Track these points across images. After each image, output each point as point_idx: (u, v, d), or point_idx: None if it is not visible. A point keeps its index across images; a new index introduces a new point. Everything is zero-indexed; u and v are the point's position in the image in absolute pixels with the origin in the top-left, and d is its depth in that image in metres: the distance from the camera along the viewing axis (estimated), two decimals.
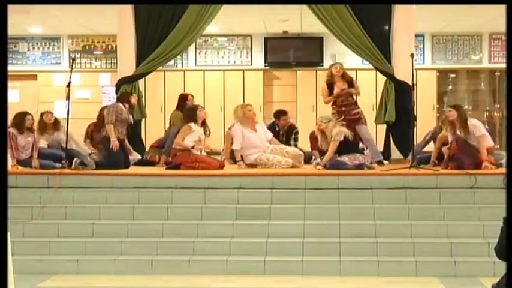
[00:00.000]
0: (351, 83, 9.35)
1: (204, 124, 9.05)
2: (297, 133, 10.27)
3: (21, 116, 8.71)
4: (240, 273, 6.55)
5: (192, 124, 8.74)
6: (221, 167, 8.59)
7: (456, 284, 6.25)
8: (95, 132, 9.25)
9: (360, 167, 8.23)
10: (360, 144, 8.66)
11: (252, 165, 8.79)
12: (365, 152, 8.66)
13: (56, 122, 9.24)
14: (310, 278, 6.48)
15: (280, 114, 10.50)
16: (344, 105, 9.19)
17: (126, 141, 8.97)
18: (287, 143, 9.82)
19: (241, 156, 8.84)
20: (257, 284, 6.31)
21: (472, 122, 8.31)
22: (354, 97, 9.33)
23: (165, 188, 7.72)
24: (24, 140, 8.61)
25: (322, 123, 8.57)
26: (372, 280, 6.40)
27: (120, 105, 8.75)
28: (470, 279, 6.33)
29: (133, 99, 9.11)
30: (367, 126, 9.34)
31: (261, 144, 8.91)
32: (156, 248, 6.95)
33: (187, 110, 9.24)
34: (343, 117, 9.04)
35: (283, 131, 10.23)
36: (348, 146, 8.34)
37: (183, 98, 10.32)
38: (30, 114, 8.89)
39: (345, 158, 8.27)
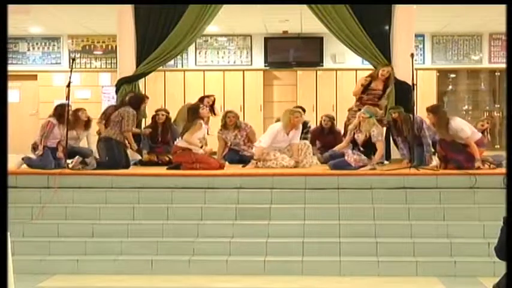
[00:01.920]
0: (386, 88, 9.30)
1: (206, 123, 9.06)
2: (308, 127, 10.19)
3: (62, 108, 8.70)
4: (240, 273, 6.55)
5: (201, 121, 8.68)
6: (221, 167, 8.59)
7: (456, 284, 6.25)
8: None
9: (362, 166, 8.23)
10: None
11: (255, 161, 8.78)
12: (373, 156, 8.55)
13: (89, 121, 9.20)
14: (310, 278, 6.48)
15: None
16: (368, 104, 9.14)
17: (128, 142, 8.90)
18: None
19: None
20: (257, 284, 6.31)
21: (455, 125, 8.14)
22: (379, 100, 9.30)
23: (165, 188, 7.71)
24: (60, 131, 8.60)
25: (363, 115, 8.43)
26: (372, 280, 6.40)
27: (131, 109, 8.77)
28: (470, 279, 6.33)
29: (144, 106, 9.21)
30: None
31: (283, 146, 8.90)
32: (156, 248, 6.95)
33: (191, 108, 9.08)
34: None
35: None
36: (370, 147, 8.35)
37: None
38: (70, 105, 8.82)
39: (350, 159, 8.28)
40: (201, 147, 8.70)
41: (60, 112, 8.62)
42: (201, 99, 10.08)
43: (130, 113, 8.70)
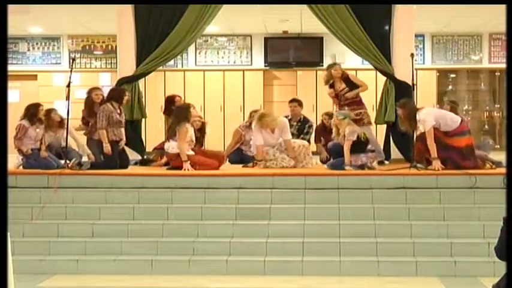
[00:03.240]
0: (351, 82, 9.35)
1: (202, 124, 9.03)
2: (310, 127, 10.12)
3: (35, 108, 8.70)
4: (240, 273, 6.55)
5: (187, 124, 8.52)
6: (220, 164, 8.55)
7: (456, 284, 6.25)
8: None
9: (361, 167, 8.23)
10: (369, 146, 8.62)
11: (257, 161, 8.79)
12: (370, 153, 8.57)
13: (62, 120, 9.20)
14: (310, 278, 6.47)
15: (290, 101, 10.39)
16: (346, 104, 9.19)
17: (123, 142, 8.81)
18: (299, 137, 9.76)
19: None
20: (257, 284, 6.31)
21: (419, 116, 8.07)
22: (357, 95, 9.31)
23: (165, 188, 7.71)
24: (35, 132, 8.60)
25: (337, 119, 8.54)
26: (372, 280, 6.40)
27: (109, 106, 8.59)
28: (470, 279, 6.33)
29: (126, 98, 8.94)
30: (371, 126, 9.37)
31: (275, 143, 8.92)
32: (156, 248, 6.94)
33: (179, 109, 8.92)
34: None
35: (295, 122, 9.97)
36: (358, 146, 8.35)
37: (171, 100, 9.97)
38: (42, 105, 8.88)
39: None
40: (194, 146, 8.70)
41: (33, 112, 8.59)
42: (171, 100, 9.94)
43: (104, 110, 8.49)
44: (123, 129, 8.78)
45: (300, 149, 8.93)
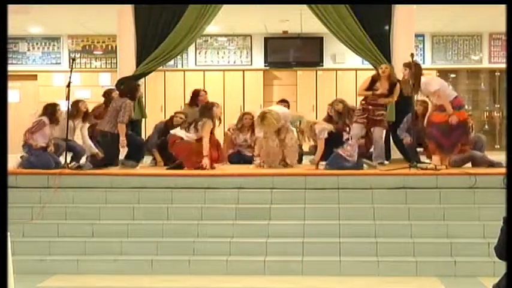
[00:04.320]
0: (393, 86, 9.17)
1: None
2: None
3: (53, 107, 8.76)
4: (240, 273, 6.55)
5: (211, 122, 8.62)
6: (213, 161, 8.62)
7: (456, 284, 6.25)
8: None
9: (358, 163, 8.25)
10: (345, 136, 8.60)
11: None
12: (350, 142, 8.51)
13: (87, 112, 9.20)
14: (310, 278, 6.47)
15: (279, 102, 10.42)
16: (372, 104, 9.13)
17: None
18: None
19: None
20: (257, 284, 6.31)
21: (425, 79, 8.21)
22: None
23: (165, 188, 7.71)
24: (49, 130, 8.64)
25: (297, 127, 8.68)
26: (372, 280, 6.40)
27: (131, 102, 8.79)
28: (470, 279, 6.33)
29: (140, 93, 9.11)
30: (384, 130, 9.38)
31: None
32: (156, 248, 6.95)
33: (203, 107, 9.01)
34: (366, 115, 9.07)
35: None
36: (335, 140, 8.36)
37: (196, 94, 10.04)
38: (59, 105, 8.92)
39: (338, 150, 8.29)
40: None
41: (51, 111, 8.65)
42: (196, 94, 10.00)
43: (127, 104, 8.67)
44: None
45: (288, 144, 8.88)
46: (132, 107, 8.80)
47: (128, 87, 9.10)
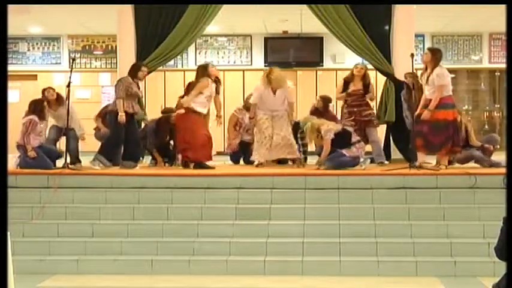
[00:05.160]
0: (367, 86, 9.32)
1: (217, 81, 9.03)
2: (302, 132, 10.15)
3: (40, 103, 8.84)
4: (240, 273, 6.54)
5: (209, 79, 8.77)
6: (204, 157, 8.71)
7: (456, 284, 6.25)
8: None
9: (357, 159, 8.26)
10: (353, 138, 8.61)
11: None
12: (357, 144, 8.55)
13: (59, 97, 9.24)
14: (310, 278, 6.47)
15: None
16: (356, 105, 9.20)
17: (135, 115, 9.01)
18: None
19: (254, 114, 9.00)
20: (257, 284, 6.31)
21: (439, 70, 8.30)
22: (364, 98, 9.33)
23: (165, 188, 7.71)
24: (40, 127, 8.72)
25: (304, 127, 8.70)
26: (372, 280, 6.40)
27: (128, 78, 8.86)
28: (470, 279, 6.33)
29: (144, 73, 9.10)
30: (377, 128, 9.40)
31: (275, 107, 8.95)
32: (156, 248, 6.94)
33: (199, 67, 9.19)
34: (353, 118, 9.12)
35: None
36: (342, 140, 8.36)
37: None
38: (44, 100, 9.03)
39: (342, 151, 8.32)
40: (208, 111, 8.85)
41: (40, 108, 8.72)
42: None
43: (124, 80, 8.80)
44: (137, 104, 8.99)
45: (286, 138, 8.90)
46: (130, 82, 8.80)
47: (132, 66, 9.17)
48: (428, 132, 8.16)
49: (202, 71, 8.93)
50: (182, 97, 9.26)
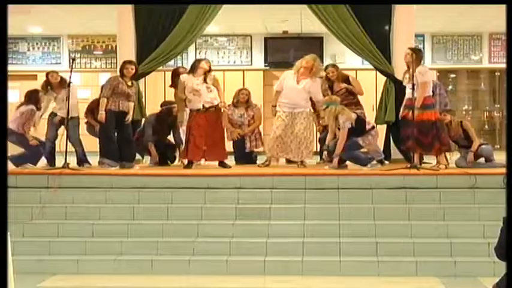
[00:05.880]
0: (348, 82, 9.40)
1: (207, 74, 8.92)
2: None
3: (36, 93, 9.01)
4: (240, 273, 6.54)
5: (182, 75, 8.90)
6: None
7: (456, 284, 6.25)
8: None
9: (371, 159, 8.42)
10: (367, 125, 8.62)
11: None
12: (372, 131, 8.59)
13: (62, 80, 9.25)
14: (310, 278, 6.47)
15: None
16: (345, 105, 9.20)
17: (130, 115, 8.96)
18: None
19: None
20: (257, 284, 6.31)
21: (422, 68, 8.38)
22: (355, 96, 9.36)
23: (165, 188, 7.71)
24: (37, 117, 8.96)
25: (322, 108, 8.65)
26: (372, 280, 6.40)
27: (117, 77, 8.86)
28: (470, 279, 6.33)
29: (128, 71, 8.92)
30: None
31: (294, 99, 8.85)
32: (156, 248, 6.94)
33: (194, 62, 9.27)
34: None
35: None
36: (357, 130, 8.40)
37: (176, 73, 9.68)
38: (40, 90, 9.18)
39: (358, 139, 8.36)
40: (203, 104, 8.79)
41: (36, 99, 8.91)
42: (176, 73, 9.74)
43: (111, 79, 8.86)
44: (131, 104, 8.95)
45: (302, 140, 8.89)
46: (118, 81, 8.77)
47: (121, 66, 9.15)
48: (417, 133, 8.23)
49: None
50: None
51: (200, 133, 8.72)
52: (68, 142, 8.61)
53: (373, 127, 8.65)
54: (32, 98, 8.93)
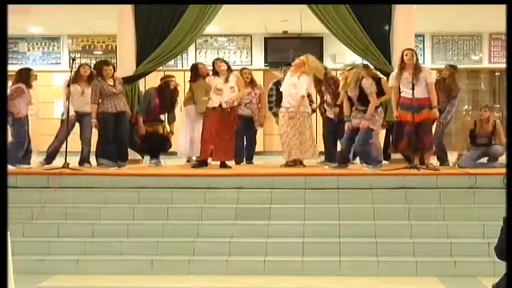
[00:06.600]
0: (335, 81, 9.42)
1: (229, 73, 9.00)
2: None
3: (27, 71, 9.00)
4: (240, 273, 6.55)
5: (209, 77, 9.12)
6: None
7: (456, 284, 6.25)
8: None
9: (380, 163, 8.41)
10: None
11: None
12: (378, 110, 8.53)
13: (91, 75, 9.21)
14: (310, 278, 6.47)
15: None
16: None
17: (128, 113, 9.02)
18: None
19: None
20: (257, 284, 6.31)
21: (425, 69, 8.52)
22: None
23: (165, 188, 7.72)
24: (29, 95, 8.90)
25: (346, 70, 8.60)
26: (372, 280, 6.40)
27: (97, 81, 8.84)
28: (470, 279, 6.33)
29: (107, 72, 8.91)
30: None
31: (286, 96, 8.93)
32: (156, 248, 6.94)
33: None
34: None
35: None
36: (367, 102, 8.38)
37: (196, 68, 9.74)
38: (32, 69, 9.19)
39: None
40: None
41: (26, 77, 8.89)
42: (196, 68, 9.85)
43: (93, 86, 8.84)
44: (121, 101, 8.95)
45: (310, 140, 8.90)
46: (101, 85, 8.76)
47: (95, 68, 9.18)
48: (422, 133, 8.24)
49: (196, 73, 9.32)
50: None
51: (210, 131, 8.71)
52: (79, 139, 8.68)
53: (381, 104, 8.65)
54: (20, 75, 8.88)
